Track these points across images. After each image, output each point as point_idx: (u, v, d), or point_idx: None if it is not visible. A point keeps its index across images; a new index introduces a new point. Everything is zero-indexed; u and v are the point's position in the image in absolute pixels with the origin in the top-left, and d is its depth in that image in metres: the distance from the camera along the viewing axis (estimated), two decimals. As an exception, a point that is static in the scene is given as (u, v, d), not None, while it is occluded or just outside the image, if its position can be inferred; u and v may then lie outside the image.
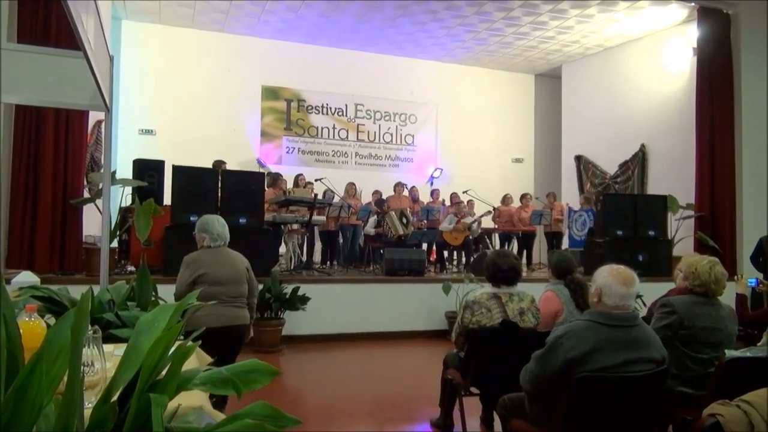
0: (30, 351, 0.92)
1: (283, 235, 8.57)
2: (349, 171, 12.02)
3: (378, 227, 9.60)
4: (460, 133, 13.26)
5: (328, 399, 5.05)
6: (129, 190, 7.02)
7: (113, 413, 0.95)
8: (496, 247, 10.37)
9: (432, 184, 12.40)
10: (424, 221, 10.16)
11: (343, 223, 9.40)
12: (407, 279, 7.69)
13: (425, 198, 11.07)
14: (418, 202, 10.61)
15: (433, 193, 11.05)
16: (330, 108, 12.59)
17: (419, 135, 13.21)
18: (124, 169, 7.80)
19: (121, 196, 6.92)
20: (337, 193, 9.48)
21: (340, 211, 8.92)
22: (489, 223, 10.62)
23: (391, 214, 9.34)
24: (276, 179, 9.09)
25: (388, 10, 10.23)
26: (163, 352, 0.99)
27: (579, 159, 12.45)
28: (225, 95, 11.52)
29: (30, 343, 1.00)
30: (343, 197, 9.43)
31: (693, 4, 9.44)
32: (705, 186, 9.10)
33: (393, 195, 10.27)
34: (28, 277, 3.07)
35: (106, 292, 2.89)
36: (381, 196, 10.24)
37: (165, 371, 1.02)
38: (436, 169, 13.04)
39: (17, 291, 2.66)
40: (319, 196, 8.94)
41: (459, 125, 13.28)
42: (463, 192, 10.62)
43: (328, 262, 9.53)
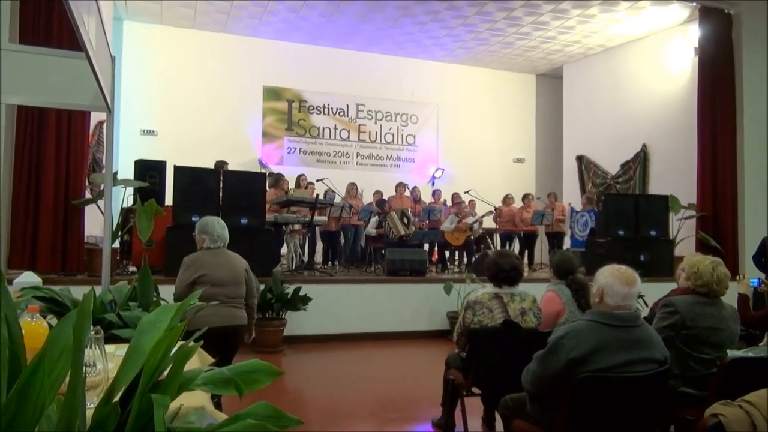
0: (32, 351, 0.92)
1: (285, 236, 8.57)
2: (351, 171, 12.02)
3: (379, 227, 9.60)
4: (461, 133, 13.25)
5: (330, 399, 5.05)
6: (130, 190, 7.02)
7: (115, 414, 0.96)
8: (498, 247, 10.36)
9: (433, 185, 12.41)
10: (425, 221, 10.17)
11: (345, 223, 9.40)
12: (409, 279, 7.69)
13: (427, 198, 11.07)
14: (420, 203, 10.60)
15: (435, 194, 11.04)
16: (331, 108, 12.59)
17: (420, 135, 13.21)
18: (125, 169, 7.80)
19: (123, 197, 6.92)
20: (339, 193, 9.48)
21: (342, 211, 8.93)
22: (490, 223, 10.61)
23: (392, 215, 9.34)
24: (278, 180, 9.10)
25: (390, 10, 10.23)
26: (164, 352, 1.00)
27: (580, 159, 12.44)
28: (226, 96, 11.52)
29: (32, 344, 1.01)
30: (344, 197, 9.43)
31: (694, 4, 9.42)
32: (707, 186, 9.09)
33: (394, 195, 10.27)
34: (30, 278, 3.08)
35: (108, 293, 2.90)
36: (382, 197, 10.24)
37: (167, 372, 1.02)
38: (438, 170, 13.04)
39: (19, 291, 2.66)
40: (321, 197, 8.96)
41: (460, 125, 13.27)
42: (465, 192, 10.61)
43: (330, 263, 9.54)
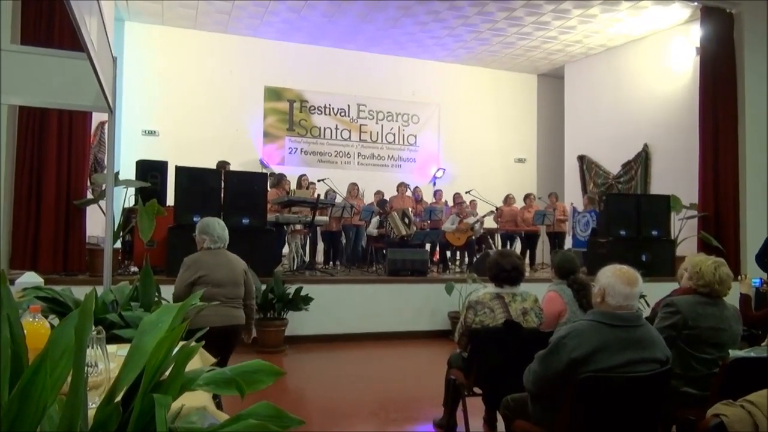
0: (34, 351, 0.92)
1: (286, 236, 8.58)
2: (352, 171, 12.01)
3: (380, 228, 9.60)
4: (462, 133, 13.24)
5: (332, 399, 5.06)
6: (132, 190, 7.03)
7: (117, 414, 0.96)
8: (499, 247, 10.35)
9: (434, 185, 12.40)
10: (426, 221, 10.16)
11: (346, 223, 9.40)
12: (410, 279, 7.69)
13: (428, 198, 11.06)
14: (421, 203, 10.60)
15: (436, 194, 11.04)
16: (332, 108, 12.59)
17: (422, 135, 13.21)
18: (127, 170, 7.82)
19: (124, 197, 6.93)
20: (340, 193, 9.49)
21: (343, 211, 8.92)
22: (491, 223, 10.61)
23: (393, 215, 9.33)
24: (280, 180, 9.11)
25: (391, 10, 10.23)
26: (166, 352, 1.00)
27: (582, 159, 12.43)
28: (227, 96, 11.53)
29: (34, 344, 1.01)
30: (345, 198, 9.43)
31: (696, 4, 9.40)
32: (708, 185, 9.07)
33: (396, 195, 10.27)
34: (31, 278, 3.09)
35: (110, 293, 2.90)
36: (383, 197, 10.24)
37: (168, 372, 1.02)
38: (439, 170, 13.03)
39: (21, 292, 2.67)
40: (322, 197, 8.96)
41: (461, 125, 13.27)
42: (466, 192, 10.61)
43: (331, 263, 9.54)
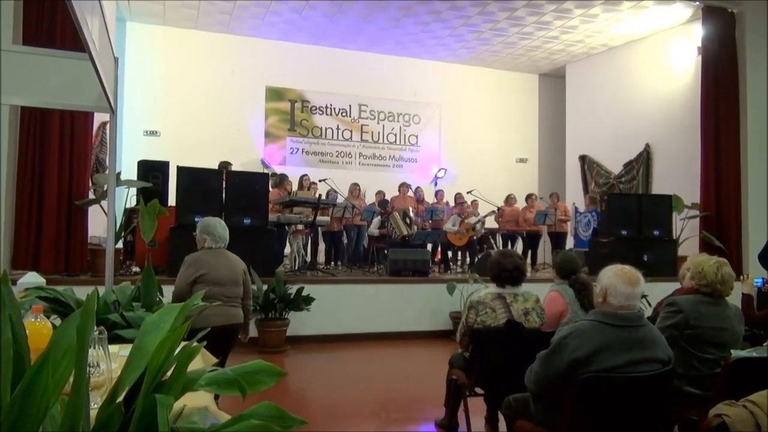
0: (36, 352, 0.92)
1: (288, 236, 8.58)
2: (353, 171, 12.01)
3: (382, 228, 9.60)
4: (463, 134, 13.23)
5: (333, 399, 5.05)
6: (134, 191, 7.04)
7: (119, 414, 0.96)
8: (500, 247, 10.34)
9: (436, 185, 12.39)
10: (428, 222, 10.16)
11: (347, 223, 9.40)
12: (411, 279, 7.69)
13: (429, 198, 11.05)
14: (423, 203, 10.59)
15: (437, 194, 11.03)
16: (334, 108, 12.60)
17: (423, 135, 13.20)
18: (128, 170, 7.82)
19: (126, 197, 6.94)
20: (341, 193, 9.49)
21: (344, 211, 8.92)
22: (493, 223, 10.60)
23: (394, 215, 9.33)
24: (282, 180, 9.12)
25: (392, 10, 10.23)
26: (168, 352, 1.00)
27: (583, 159, 12.41)
28: (229, 96, 11.54)
29: (36, 344, 1.01)
30: (347, 198, 9.43)
31: (697, 3, 9.39)
32: (710, 185, 9.06)
33: (397, 195, 10.27)
34: (33, 278, 3.09)
35: (112, 293, 2.91)
36: (385, 197, 10.24)
37: (170, 372, 1.02)
38: (440, 170, 13.03)
39: (23, 292, 2.68)
40: (323, 197, 8.97)
41: (463, 125, 13.26)
42: (468, 192, 10.60)
43: (332, 263, 9.53)
